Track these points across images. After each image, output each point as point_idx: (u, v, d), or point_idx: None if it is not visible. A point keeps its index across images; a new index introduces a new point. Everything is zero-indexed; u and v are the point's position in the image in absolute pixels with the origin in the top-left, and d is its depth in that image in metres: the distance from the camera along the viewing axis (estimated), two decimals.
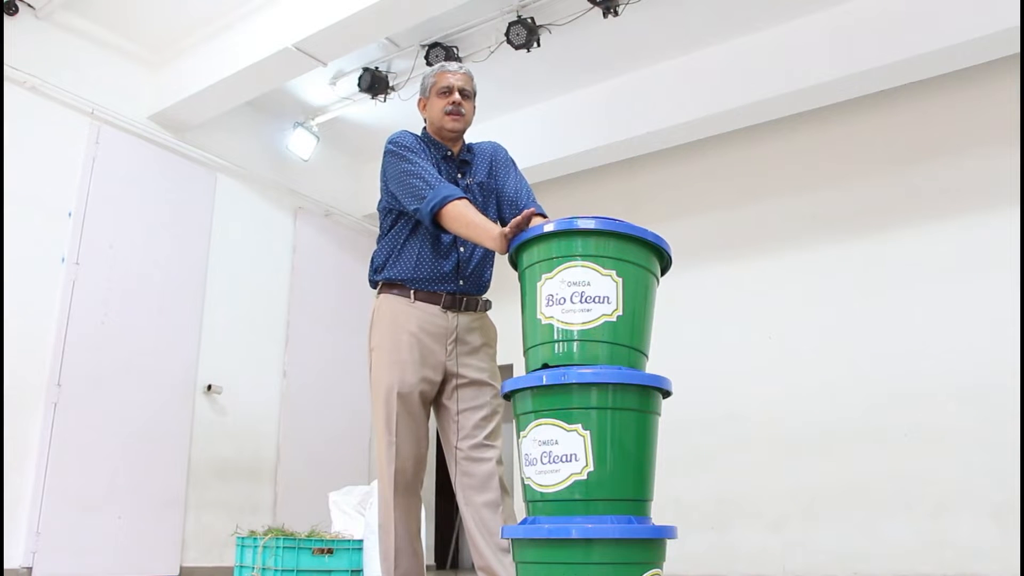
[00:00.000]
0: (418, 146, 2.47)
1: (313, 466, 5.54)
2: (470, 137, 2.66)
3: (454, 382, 2.42)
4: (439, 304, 2.42)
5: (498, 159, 2.62)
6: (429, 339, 2.40)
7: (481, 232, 2.23)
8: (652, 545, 1.90)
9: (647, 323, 2.11)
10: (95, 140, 4.71)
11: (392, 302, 2.45)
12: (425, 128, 2.60)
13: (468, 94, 2.55)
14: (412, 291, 2.42)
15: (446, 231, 2.34)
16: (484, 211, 2.48)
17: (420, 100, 2.61)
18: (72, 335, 4.43)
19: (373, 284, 2.56)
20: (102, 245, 4.66)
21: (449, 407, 2.44)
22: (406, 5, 4.11)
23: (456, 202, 2.29)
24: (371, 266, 2.53)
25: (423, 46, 4.84)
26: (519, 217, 2.11)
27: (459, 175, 2.54)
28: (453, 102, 2.49)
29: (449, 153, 2.55)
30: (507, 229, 2.12)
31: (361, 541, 3.78)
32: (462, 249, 2.46)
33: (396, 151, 2.45)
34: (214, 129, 5.35)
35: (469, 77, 2.57)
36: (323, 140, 5.91)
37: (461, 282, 2.44)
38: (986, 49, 4.17)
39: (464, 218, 2.27)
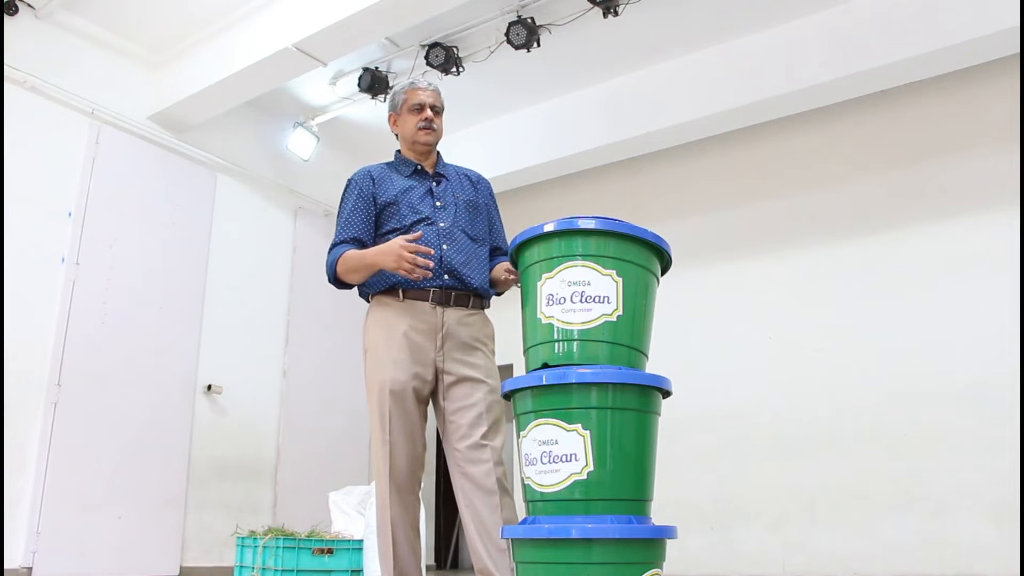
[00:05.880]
0: (366, 185, 2.57)
1: (313, 466, 5.54)
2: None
3: (444, 380, 2.43)
4: (427, 300, 2.43)
5: (484, 189, 2.72)
6: (419, 336, 2.41)
7: (370, 261, 2.38)
8: (652, 545, 1.90)
9: (647, 323, 2.12)
10: (95, 140, 4.71)
11: (383, 304, 2.49)
12: (398, 150, 2.70)
13: (438, 110, 2.67)
14: (401, 291, 2.45)
15: (352, 284, 2.49)
16: (472, 225, 2.57)
17: (391, 116, 2.71)
18: (72, 335, 4.43)
19: (364, 296, 2.60)
20: (102, 245, 4.65)
21: (443, 406, 2.44)
22: (406, 5, 4.11)
23: (338, 260, 2.47)
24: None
25: (423, 46, 4.84)
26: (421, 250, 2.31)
27: (434, 183, 2.61)
28: (425, 118, 2.62)
29: (420, 167, 2.64)
30: (405, 244, 2.28)
31: (361, 541, 3.78)
32: (445, 247, 2.48)
33: (342, 195, 2.62)
34: (214, 129, 5.34)
35: (438, 93, 2.69)
36: (323, 140, 5.91)
37: (446, 276, 2.45)
38: (986, 49, 4.17)
39: (350, 266, 2.43)
